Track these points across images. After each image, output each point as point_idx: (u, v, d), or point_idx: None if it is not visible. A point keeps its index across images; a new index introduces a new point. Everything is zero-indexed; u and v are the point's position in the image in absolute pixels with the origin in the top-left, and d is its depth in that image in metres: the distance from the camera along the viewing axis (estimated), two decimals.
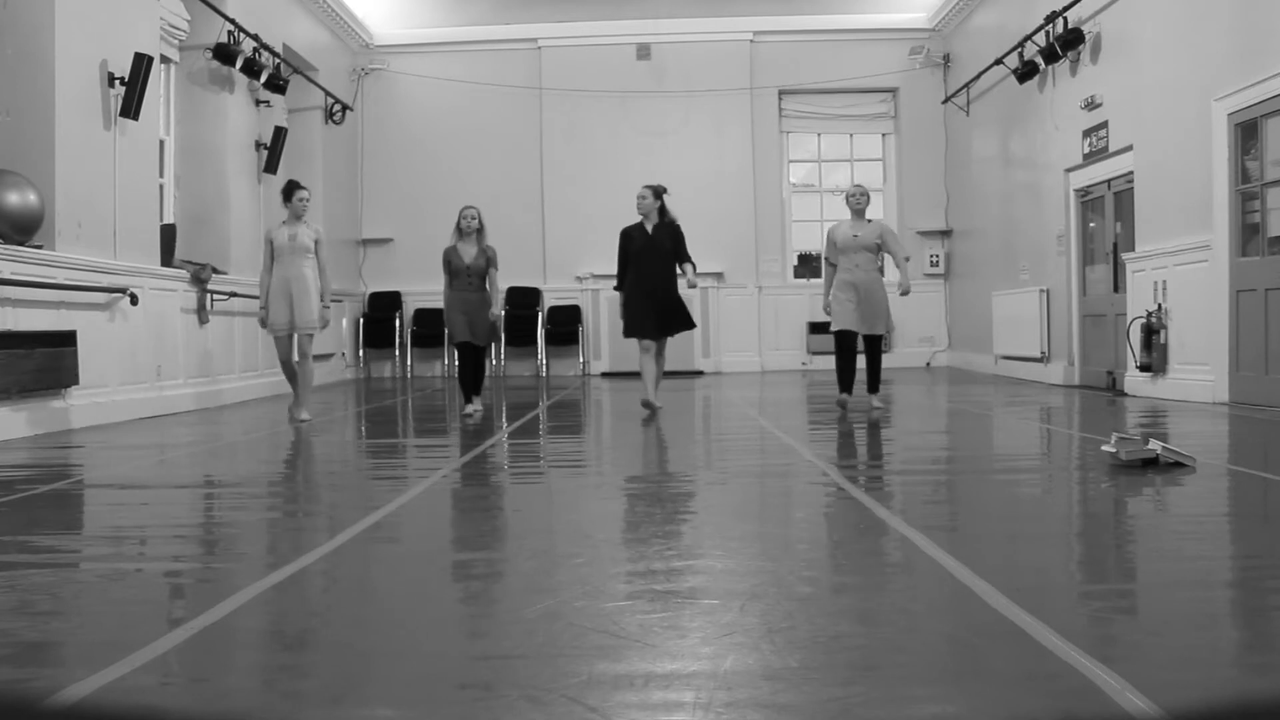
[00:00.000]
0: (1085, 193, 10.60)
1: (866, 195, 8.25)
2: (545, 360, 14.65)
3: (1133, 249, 9.29)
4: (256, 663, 2.25)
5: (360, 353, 14.77)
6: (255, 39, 10.67)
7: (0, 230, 7.02)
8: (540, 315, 14.72)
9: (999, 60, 11.71)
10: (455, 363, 15.30)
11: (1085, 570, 3.13)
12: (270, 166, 11.33)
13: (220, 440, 7.06)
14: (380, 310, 14.83)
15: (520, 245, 14.04)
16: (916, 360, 14.80)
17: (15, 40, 7.52)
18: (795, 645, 2.20)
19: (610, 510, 4.22)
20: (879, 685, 1.99)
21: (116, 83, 8.18)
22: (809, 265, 15.26)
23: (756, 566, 3.02)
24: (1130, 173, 9.46)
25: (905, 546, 3.23)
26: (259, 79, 10.87)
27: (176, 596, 2.88)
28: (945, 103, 14.48)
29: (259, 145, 11.29)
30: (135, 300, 8.24)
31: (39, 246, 7.31)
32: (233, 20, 10.27)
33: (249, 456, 6.19)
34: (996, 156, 12.89)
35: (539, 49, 14.86)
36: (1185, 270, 8.45)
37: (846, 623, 2.43)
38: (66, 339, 7.35)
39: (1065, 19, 10.28)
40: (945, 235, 14.82)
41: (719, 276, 14.64)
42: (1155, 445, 4.65)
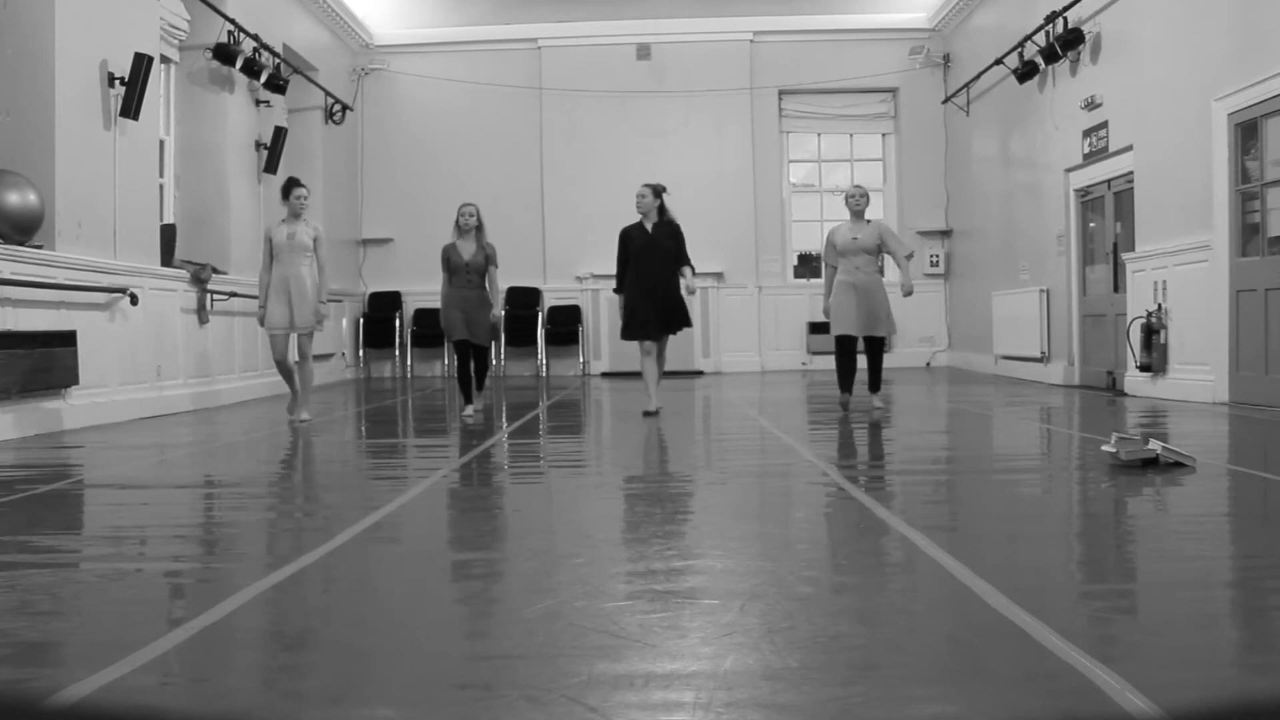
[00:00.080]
0: (1085, 193, 10.60)
1: (866, 196, 8.21)
2: (545, 360, 14.64)
3: (1133, 249, 9.29)
4: (256, 663, 2.25)
5: (360, 353, 14.77)
6: (255, 39, 10.67)
7: (0, 230, 7.02)
8: (540, 315, 14.72)
9: (999, 60, 11.71)
10: (455, 362, 15.52)
11: (1085, 570, 3.13)
12: (270, 166, 11.33)
13: (220, 440, 7.06)
14: (380, 310, 14.83)
15: (520, 245, 14.04)
16: (916, 360, 14.80)
17: (15, 40, 7.52)
18: (795, 645, 2.20)
19: (610, 510, 4.22)
20: (879, 685, 1.99)
21: (116, 83, 8.18)
22: (809, 265, 15.26)
23: (756, 566, 3.02)
24: (1130, 173, 9.46)
25: (905, 546, 3.23)
26: (259, 79, 10.87)
27: (176, 596, 2.88)
28: (945, 103, 14.48)
29: (259, 145, 11.30)
30: (135, 300, 8.24)
31: (39, 246, 7.31)
32: (233, 20, 10.27)
33: (249, 456, 6.18)
34: (996, 156, 12.89)
35: (539, 49, 14.86)
36: (1185, 270, 8.45)
37: (846, 623, 2.43)
38: (66, 339, 7.35)
39: (1065, 19, 10.28)
40: (945, 235, 14.82)
41: (719, 276, 14.64)
42: (1155, 445, 4.65)
